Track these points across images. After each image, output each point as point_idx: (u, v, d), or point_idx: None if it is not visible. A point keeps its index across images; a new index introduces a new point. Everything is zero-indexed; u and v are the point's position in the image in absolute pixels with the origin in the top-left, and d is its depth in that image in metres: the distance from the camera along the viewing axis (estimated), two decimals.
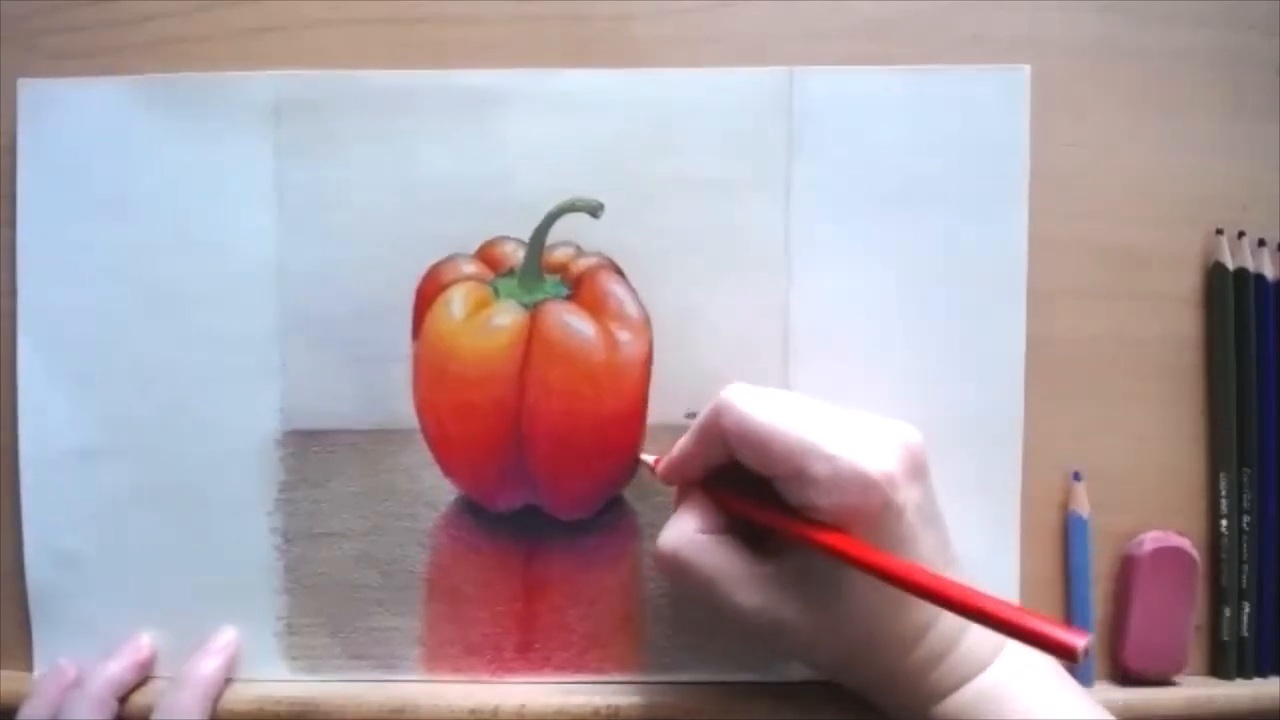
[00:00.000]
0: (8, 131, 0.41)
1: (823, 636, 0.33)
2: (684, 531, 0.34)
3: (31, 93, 0.41)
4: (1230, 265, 0.41)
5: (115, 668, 0.39)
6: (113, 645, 0.40)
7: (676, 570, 0.34)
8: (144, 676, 0.40)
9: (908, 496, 0.32)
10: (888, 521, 0.32)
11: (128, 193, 0.41)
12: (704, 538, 0.34)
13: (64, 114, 0.41)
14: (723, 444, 0.34)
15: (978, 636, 0.34)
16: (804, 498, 0.32)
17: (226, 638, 0.40)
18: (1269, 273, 0.41)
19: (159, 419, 0.41)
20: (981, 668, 0.33)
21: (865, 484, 0.31)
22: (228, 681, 0.40)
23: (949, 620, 0.33)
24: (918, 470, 0.33)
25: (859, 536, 0.31)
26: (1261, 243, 0.41)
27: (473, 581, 0.41)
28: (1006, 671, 0.33)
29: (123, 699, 0.39)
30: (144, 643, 0.40)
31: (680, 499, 0.37)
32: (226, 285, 0.41)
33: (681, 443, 0.36)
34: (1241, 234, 0.41)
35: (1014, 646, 0.34)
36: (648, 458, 0.39)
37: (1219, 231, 0.41)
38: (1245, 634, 0.41)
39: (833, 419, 0.33)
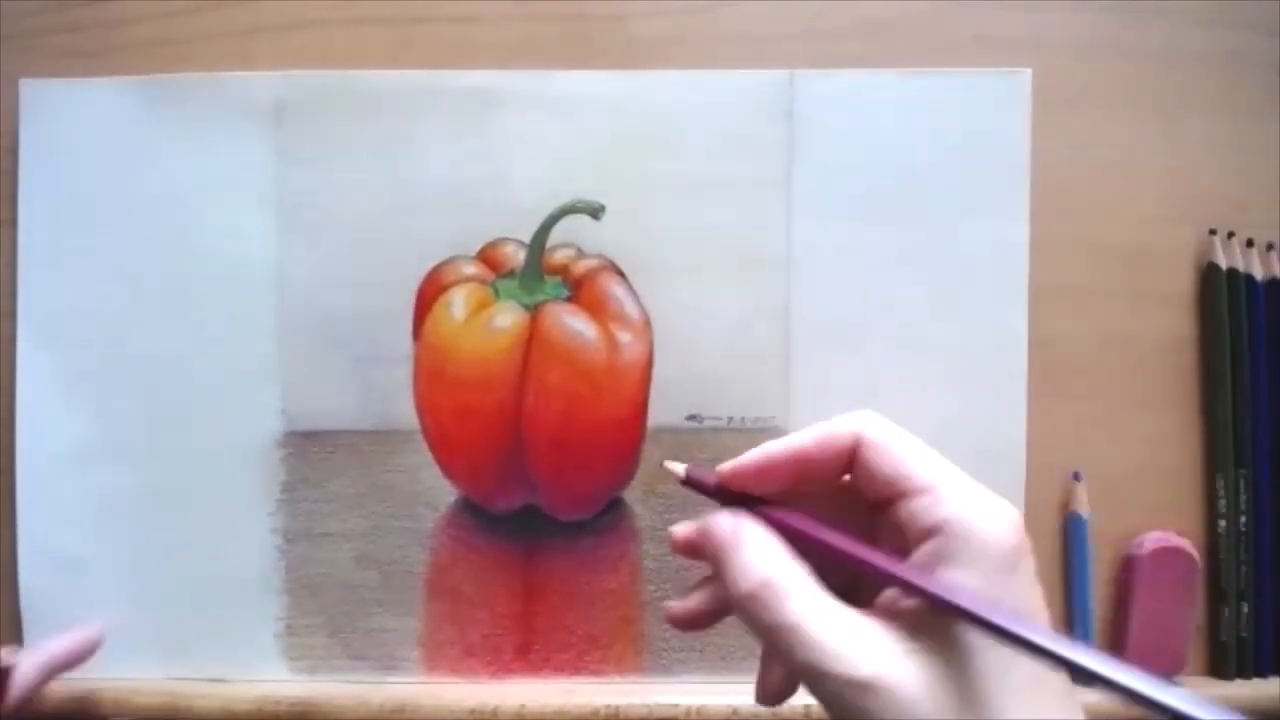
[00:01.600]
0: (8, 132, 0.41)
1: (929, 711, 0.25)
2: (774, 558, 0.27)
3: (32, 93, 0.41)
4: (1223, 265, 0.41)
5: (59, 647, 0.38)
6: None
7: (765, 603, 0.26)
8: (84, 657, 0.39)
9: (1029, 556, 0.26)
10: (1018, 577, 0.26)
11: (128, 193, 0.41)
12: (796, 565, 0.26)
13: (65, 114, 0.41)
14: (836, 454, 0.28)
15: None
16: (933, 515, 0.26)
17: (90, 627, 0.39)
18: (1257, 272, 0.41)
19: (159, 419, 0.41)
20: None
21: (1005, 516, 0.26)
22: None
23: None
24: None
25: (981, 583, 0.25)
26: (1250, 243, 0.41)
27: (472, 582, 0.41)
28: None
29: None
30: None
31: (733, 529, 0.28)
32: (226, 286, 0.41)
33: (772, 447, 0.28)
34: (1231, 234, 0.41)
35: None
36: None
37: (1212, 232, 0.41)
38: (1244, 634, 0.41)
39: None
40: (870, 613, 0.26)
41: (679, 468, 0.30)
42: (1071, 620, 0.41)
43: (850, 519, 0.28)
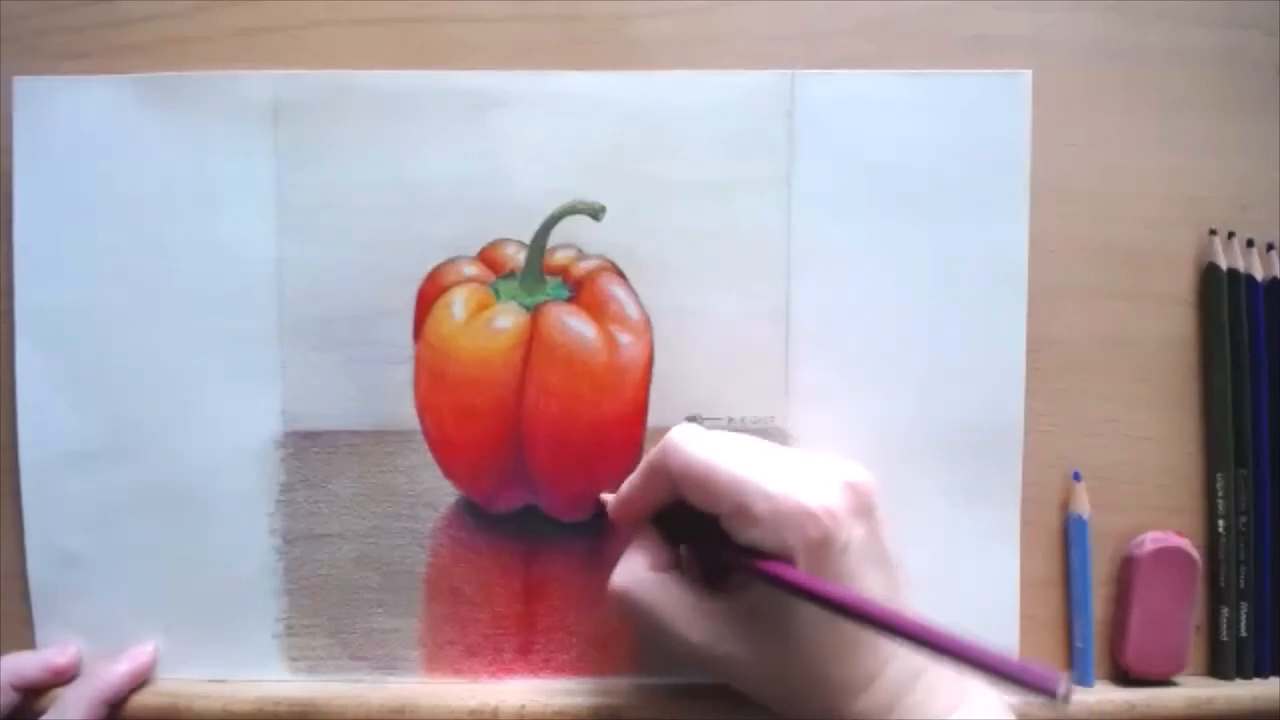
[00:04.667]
0: (9, 131, 0.41)
1: (769, 675, 0.33)
2: (634, 570, 0.35)
3: (27, 91, 0.40)
4: (1223, 265, 0.41)
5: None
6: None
7: (627, 608, 0.35)
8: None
9: (850, 533, 0.32)
10: (829, 557, 0.31)
11: (125, 192, 0.41)
12: (654, 575, 0.35)
13: (60, 112, 0.40)
14: (669, 482, 0.34)
15: (932, 687, 0.32)
16: (748, 536, 0.32)
17: (142, 648, 0.40)
18: (1257, 273, 0.41)
19: (159, 420, 0.41)
20: None
21: (804, 517, 0.31)
22: (137, 690, 0.40)
23: (900, 668, 0.32)
24: (862, 508, 0.32)
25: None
26: (1250, 243, 0.41)
27: (473, 583, 0.41)
28: None
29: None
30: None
31: (632, 537, 0.37)
32: (226, 286, 0.41)
33: (630, 481, 0.36)
34: (1231, 234, 0.41)
35: (974, 702, 0.33)
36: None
37: (1212, 232, 0.41)
38: (1244, 634, 0.41)
39: (777, 458, 0.33)
40: (723, 595, 0.34)
41: (608, 497, 0.39)
42: (1071, 620, 0.41)
43: None
